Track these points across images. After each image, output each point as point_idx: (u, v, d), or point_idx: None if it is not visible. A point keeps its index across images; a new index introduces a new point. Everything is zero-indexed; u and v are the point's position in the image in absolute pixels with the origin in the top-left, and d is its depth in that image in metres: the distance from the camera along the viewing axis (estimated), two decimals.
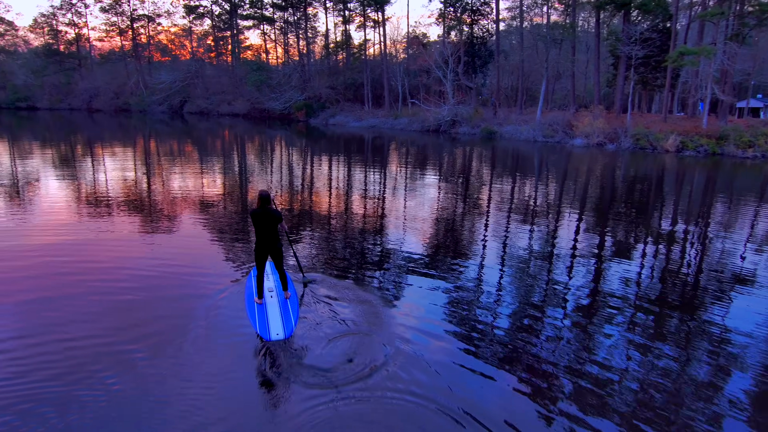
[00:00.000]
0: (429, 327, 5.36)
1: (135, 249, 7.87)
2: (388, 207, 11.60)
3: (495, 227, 9.85)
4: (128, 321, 5.35)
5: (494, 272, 7.17)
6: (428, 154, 23.86)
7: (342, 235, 9.01)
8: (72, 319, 5.35)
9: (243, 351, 4.87)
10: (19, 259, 7.26)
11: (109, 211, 10.38)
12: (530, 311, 5.86)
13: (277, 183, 14.75)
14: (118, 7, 58.90)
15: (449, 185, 14.98)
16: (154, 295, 6.07)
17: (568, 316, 5.77)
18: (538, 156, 23.41)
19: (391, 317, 5.57)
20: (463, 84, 38.86)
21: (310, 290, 6.26)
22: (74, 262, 7.20)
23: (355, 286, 6.44)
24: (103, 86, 57.23)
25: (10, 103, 58.47)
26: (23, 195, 12.16)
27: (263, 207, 5.58)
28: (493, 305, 6.03)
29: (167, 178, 15.10)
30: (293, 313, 5.51)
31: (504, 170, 18.58)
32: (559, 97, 44.96)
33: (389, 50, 48.56)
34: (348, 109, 43.34)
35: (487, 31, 42.29)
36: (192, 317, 5.45)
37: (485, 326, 5.42)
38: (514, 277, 7.04)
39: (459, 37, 41.05)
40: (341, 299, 6.00)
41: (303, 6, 51.87)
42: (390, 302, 6.01)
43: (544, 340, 5.13)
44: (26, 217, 9.79)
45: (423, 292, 6.35)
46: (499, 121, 32.36)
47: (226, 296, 6.05)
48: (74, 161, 18.93)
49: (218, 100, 52.72)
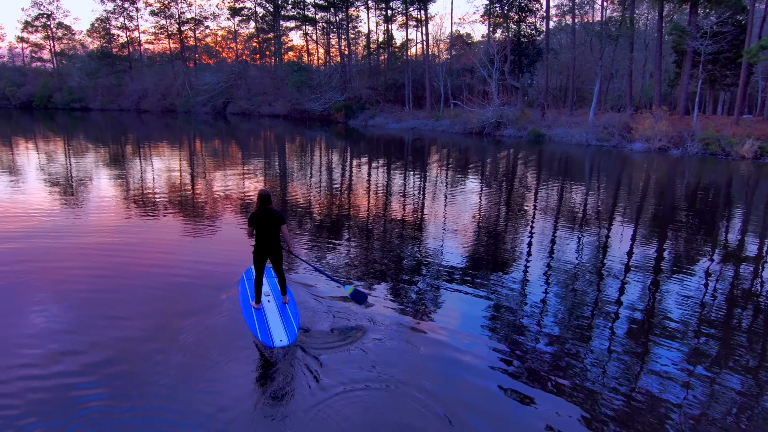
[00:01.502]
0: (464, 342, 5.18)
1: (179, 247, 8.27)
2: (427, 212, 11.43)
3: (540, 237, 9.43)
4: (173, 316, 5.48)
5: (537, 286, 6.86)
6: (470, 158, 22.94)
7: (378, 240, 8.96)
8: (122, 315, 5.56)
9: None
10: (72, 256, 7.71)
11: (155, 210, 10.98)
12: (576, 330, 5.52)
13: (316, 185, 14.98)
14: (167, 10, 60.91)
15: (492, 191, 14.53)
16: (191, 293, 6.23)
17: (619, 337, 5.40)
18: (591, 161, 22.02)
19: (422, 329, 5.42)
20: (508, 84, 37.24)
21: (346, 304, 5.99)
22: (123, 257, 7.57)
23: (389, 293, 6.35)
24: (151, 88, 59.40)
25: (66, 104, 61.82)
26: (78, 193, 13.09)
27: (264, 208, 5.35)
28: (536, 322, 5.74)
29: (211, 178, 15.83)
30: (294, 318, 5.35)
31: (552, 176, 17.86)
32: (612, 97, 42.32)
33: (431, 50, 47.44)
34: (388, 110, 42.66)
35: (535, 29, 40.39)
36: (223, 311, 5.60)
37: (526, 344, 5.17)
38: (558, 291, 6.69)
39: (505, 35, 39.30)
40: (369, 305, 5.86)
41: (345, 6, 51.54)
42: (423, 312, 5.87)
43: (591, 362, 4.82)
44: (80, 215, 10.44)
45: (459, 304, 6.16)
46: (548, 123, 30.64)
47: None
48: (125, 161, 20.06)
49: (260, 101, 53.45)
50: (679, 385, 4.45)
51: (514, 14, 39.68)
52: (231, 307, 5.80)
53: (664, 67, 35.61)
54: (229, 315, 5.64)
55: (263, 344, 4.89)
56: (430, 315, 5.83)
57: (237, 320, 5.50)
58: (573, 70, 35.57)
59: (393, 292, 6.48)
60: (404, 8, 47.48)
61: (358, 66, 53.38)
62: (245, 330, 5.25)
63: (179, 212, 10.92)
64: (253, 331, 5.11)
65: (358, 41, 57.51)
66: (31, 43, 66.33)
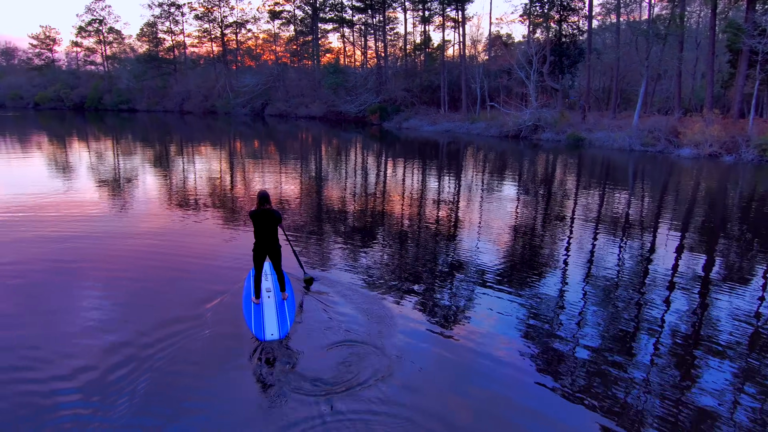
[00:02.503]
0: (497, 350, 5.11)
1: (216, 245, 8.58)
2: (461, 216, 11.36)
3: (579, 244, 9.19)
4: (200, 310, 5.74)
5: (576, 294, 6.68)
6: (506, 161, 22.53)
7: (411, 243, 8.99)
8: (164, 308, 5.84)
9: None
10: (121, 251, 8.18)
11: (197, 208, 11.54)
12: (617, 342, 5.36)
13: (351, 187, 15.19)
14: (210, 14, 62.94)
15: (528, 195, 14.26)
16: (230, 288, 6.47)
17: (663, 351, 5.20)
18: (634, 167, 21.27)
19: (453, 333, 5.41)
20: (548, 86, 36.20)
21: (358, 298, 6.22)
22: (167, 254, 7.98)
23: (421, 295, 6.35)
24: (194, 90, 61.53)
25: (114, 105, 64.96)
26: (126, 191, 13.90)
27: (262, 207, 5.63)
28: (574, 331, 5.59)
29: (250, 178, 16.48)
30: (289, 314, 5.61)
31: (592, 181, 17.34)
32: (658, 99, 40.41)
33: (468, 51, 46.84)
34: (422, 113, 42.49)
35: (577, 28, 39.11)
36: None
37: (562, 357, 5.03)
38: (598, 301, 6.52)
39: (545, 34, 38.28)
40: (395, 310, 5.92)
41: (382, 8, 51.67)
42: (455, 316, 5.85)
43: (632, 378, 4.67)
44: (128, 212, 11.12)
45: (494, 309, 6.09)
46: (589, 126, 29.60)
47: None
48: (171, 161, 21.06)
49: (297, 103, 54.36)
50: (726, 405, 4.27)
51: (555, 13, 38.62)
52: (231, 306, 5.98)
53: (716, 68, 33.70)
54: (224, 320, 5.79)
55: (254, 336, 5.15)
56: (462, 319, 5.82)
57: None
58: (617, 70, 34.20)
59: (425, 295, 6.50)
60: (441, 9, 47.15)
61: (394, 68, 53.42)
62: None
63: (220, 212, 11.45)
64: (248, 324, 5.38)
65: (395, 43, 57.60)
66: (84, 48, 70.14)
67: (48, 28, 72.97)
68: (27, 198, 12.26)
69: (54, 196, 12.73)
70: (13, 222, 9.91)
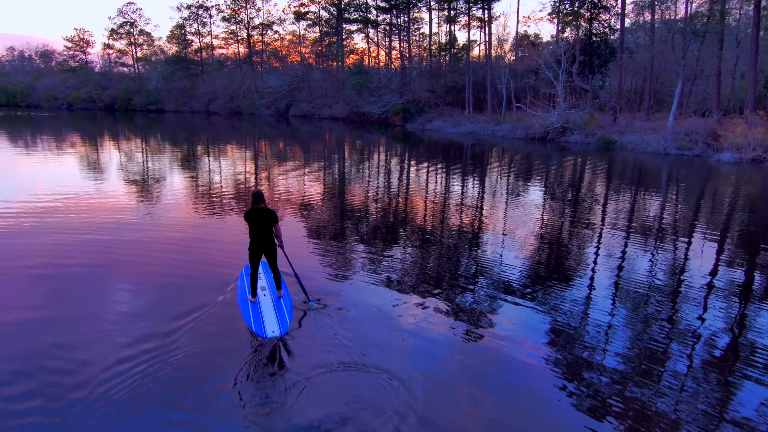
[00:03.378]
0: (522, 359, 4.99)
1: (239, 246, 8.57)
2: (485, 220, 11.19)
3: (608, 251, 8.88)
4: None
5: (604, 303, 6.48)
6: (532, 164, 22.00)
7: (433, 246, 8.88)
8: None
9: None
10: (150, 247, 8.41)
11: (222, 208, 11.85)
12: (647, 355, 5.14)
13: (373, 189, 15.22)
14: (237, 16, 63.86)
15: (555, 200, 13.85)
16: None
17: (697, 366, 4.98)
18: (669, 171, 20.48)
19: (476, 340, 5.33)
20: (576, 86, 35.20)
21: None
22: (192, 249, 8.27)
23: (442, 300, 6.27)
24: (220, 90, 62.56)
25: (143, 106, 66.67)
26: (155, 189, 14.43)
27: (257, 206, 5.72)
28: (602, 341, 5.42)
29: (274, 178, 16.84)
30: (287, 311, 5.65)
31: (624, 186, 16.73)
32: (695, 100, 38.79)
33: (495, 51, 46.06)
34: (446, 114, 41.98)
35: (608, 27, 37.90)
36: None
37: (590, 369, 4.87)
38: (628, 311, 6.29)
39: (575, 33, 37.23)
40: (418, 316, 5.83)
41: (407, 8, 51.38)
42: (478, 323, 5.74)
43: (663, 392, 4.47)
44: (155, 211, 11.55)
45: (517, 317, 5.98)
46: (620, 128, 28.63)
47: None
48: (197, 160, 21.61)
49: (320, 104, 54.55)
50: (764, 425, 4.04)
51: (586, 11, 37.54)
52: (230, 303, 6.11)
53: (759, 67, 32.07)
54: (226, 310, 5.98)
55: (256, 334, 5.22)
56: (485, 326, 5.74)
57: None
58: (651, 70, 32.95)
59: (447, 300, 6.44)
60: (467, 8, 46.55)
61: (418, 68, 53.06)
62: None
63: (242, 210, 11.72)
64: (248, 322, 5.44)
65: (420, 43, 57.22)
66: (115, 50, 72.30)
67: (82, 31, 75.55)
68: (63, 195, 12.89)
69: (88, 193, 13.34)
70: (49, 218, 10.45)
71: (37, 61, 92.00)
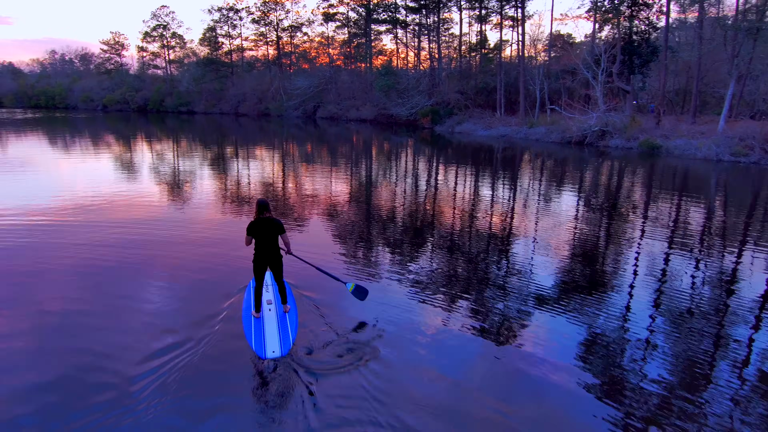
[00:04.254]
0: (553, 372, 4.79)
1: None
2: (516, 226, 10.81)
3: (648, 262, 8.39)
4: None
5: (643, 316, 6.17)
6: (569, 170, 20.67)
7: (461, 252, 8.77)
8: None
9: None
10: (181, 246, 8.90)
11: (250, 209, 12.01)
12: (690, 372, 4.81)
13: (401, 193, 15.05)
14: (266, 18, 64.24)
15: (592, 207, 12.89)
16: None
17: (746, 388, 4.57)
18: (720, 180, 18.81)
19: (505, 351, 5.26)
20: (615, 87, 33.52)
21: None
22: (221, 249, 8.64)
23: (470, 308, 6.25)
24: (249, 92, 63.06)
25: (174, 107, 67.91)
26: (187, 190, 14.96)
27: (262, 215, 5.45)
28: (638, 362, 5.11)
29: (301, 180, 17.15)
30: (291, 329, 5.36)
31: (669, 194, 15.41)
32: (743, 102, 36.38)
33: (528, 51, 44.58)
34: (477, 116, 40.83)
35: (650, 24, 36.02)
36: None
37: (624, 387, 4.62)
38: (669, 325, 6.00)
39: (617, 31, 35.51)
40: (439, 324, 5.41)
41: (437, 7, 50.41)
42: (507, 333, 5.68)
43: (705, 414, 4.15)
44: (187, 210, 12.03)
45: (549, 328, 5.79)
46: (664, 132, 27.00)
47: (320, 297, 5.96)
48: (226, 161, 22.12)
49: (348, 106, 54.20)
50: None
51: (626, 8, 35.77)
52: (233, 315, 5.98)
53: None
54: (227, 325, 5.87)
55: (255, 354, 4.97)
56: (515, 337, 5.57)
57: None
58: (698, 70, 30.98)
59: (473, 309, 6.33)
60: (499, 7, 45.25)
61: (447, 69, 51.98)
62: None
63: (275, 210, 12.07)
64: (249, 340, 5.19)
65: (450, 44, 56.16)
66: (149, 52, 73.90)
67: (117, 34, 77.83)
68: (101, 193, 13.73)
69: (124, 192, 14.10)
70: (88, 214, 11.13)
71: (77, 63, 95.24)
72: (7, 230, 9.63)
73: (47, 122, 48.93)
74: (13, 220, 10.39)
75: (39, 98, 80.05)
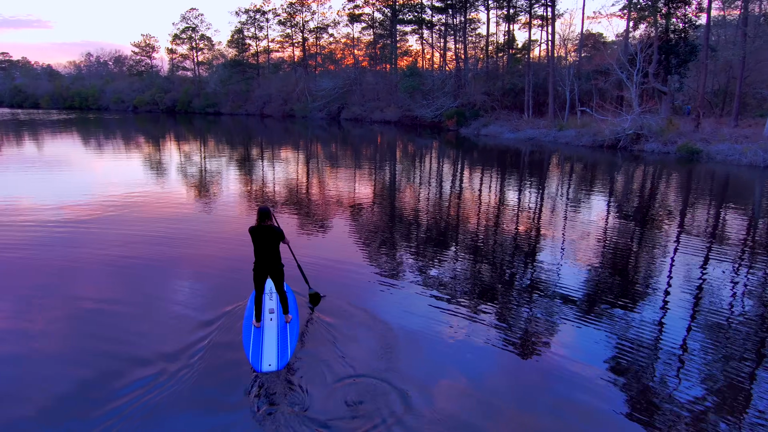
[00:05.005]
0: (577, 390, 4.60)
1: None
2: (543, 232, 10.48)
3: (683, 271, 8.07)
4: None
5: (677, 327, 5.95)
6: (600, 175, 19.73)
7: (486, 258, 8.66)
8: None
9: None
10: (209, 245, 9.23)
11: (284, 208, 12.39)
12: (727, 396, 4.54)
13: (424, 196, 14.92)
14: (293, 19, 64.57)
15: (624, 214, 12.18)
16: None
17: None
18: (766, 187, 17.40)
19: (530, 361, 5.14)
20: (650, 88, 32.16)
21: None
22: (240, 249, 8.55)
23: (495, 315, 6.21)
24: (275, 93, 63.44)
25: (201, 108, 69.00)
26: (215, 190, 15.43)
27: (263, 223, 5.39)
28: (674, 370, 4.96)
29: (324, 181, 17.36)
30: (291, 341, 5.26)
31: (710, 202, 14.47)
32: None
33: (557, 51, 43.32)
34: (504, 118, 39.91)
35: (688, 22, 34.46)
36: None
37: (656, 404, 4.39)
38: (705, 343, 5.67)
39: (653, 29, 34.14)
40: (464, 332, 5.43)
41: (464, 7, 49.62)
42: (532, 341, 5.52)
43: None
44: (215, 210, 12.46)
45: (577, 337, 5.64)
46: (704, 136, 25.70)
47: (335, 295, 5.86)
48: (252, 162, 22.41)
49: (372, 107, 53.95)
50: None
51: (663, 5, 34.31)
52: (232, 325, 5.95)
53: None
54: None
55: (251, 367, 4.87)
56: (540, 349, 5.39)
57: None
58: (742, 70, 29.43)
59: (499, 315, 6.23)
60: (528, 5, 44.18)
61: (474, 70, 51.10)
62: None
63: (294, 212, 12.17)
64: (246, 351, 5.08)
65: (476, 44, 55.25)
66: (178, 54, 75.29)
67: (148, 37, 79.51)
68: (132, 191, 14.22)
69: (154, 190, 14.69)
70: (121, 211, 11.61)
71: (111, 65, 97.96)
72: (44, 225, 10.19)
73: (80, 123, 50.36)
74: (49, 216, 10.92)
75: (73, 99, 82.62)
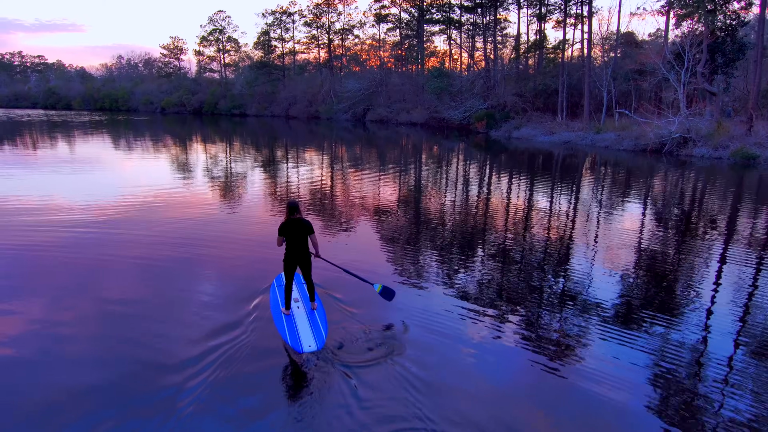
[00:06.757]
0: (612, 404, 4.38)
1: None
2: (576, 240, 10.06)
3: (733, 287, 7.52)
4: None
5: (722, 347, 5.53)
6: (643, 182, 18.24)
7: (514, 265, 8.51)
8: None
9: None
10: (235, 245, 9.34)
11: (307, 209, 12.37)
12: None
13: (450, 200, 14.61)
14: (318, 21, 64.40)
15: (668, 225, 10.93)
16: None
17: None
18: None
19: (560, 374, 4.91)
20: (696, 89, 30.34)
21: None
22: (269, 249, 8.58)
23: (522, 323, 6.10)
24: (300, 95, 63.33)
25: (228, 110, 69.50)
26: (240, 191, 15.56)
27: (292, 216, 5.69)
28: (717, 395, 4.55)
29: (349, 183, 17.29)
30: (322, 324, 5.57)
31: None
32: None
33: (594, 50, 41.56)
34: (536, 120, 38.49)
35: (737, 19, 32.46)
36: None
37: (701, 422, 4.14)
38: (753, 359, 5.28)
39: (703, 26, 32.22)
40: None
41: (493, 5, 48.32)
42: (563, 353, 5.31)
43: None
44: (239, 210, 12.66)
45: (612, 351, 5.35)
46: (759, 140, 23.90)
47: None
48: (277, 163, 22.83)
49: (398, 109, 53.22)
50: None
51: (708, 2, 32.37)
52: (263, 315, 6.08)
53: None
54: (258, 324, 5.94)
55: (293, 349, 5.13)
56: (571, 357, 5.22)
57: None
58: None
59: (527, 323, 6.06)
60: (563, 3, 42.61)
61: (503, 70, 49.70)
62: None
63: (317, 214, 12.19)
64: (283, 336, 5.36)
65: (506, 43, 53.86)
66: (205, 56, 76.17)
67: (176, 39, 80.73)
68: (159, 191, 14.53)
69: (180, 191, 14.98)
70: (146, 211, 11.78)
71: (141, 68, 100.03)
72: (73, 224, 10.42)
73: (111, 124, 51.22)
74: (79, 216, 11.10)
75: (104, 101, 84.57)
